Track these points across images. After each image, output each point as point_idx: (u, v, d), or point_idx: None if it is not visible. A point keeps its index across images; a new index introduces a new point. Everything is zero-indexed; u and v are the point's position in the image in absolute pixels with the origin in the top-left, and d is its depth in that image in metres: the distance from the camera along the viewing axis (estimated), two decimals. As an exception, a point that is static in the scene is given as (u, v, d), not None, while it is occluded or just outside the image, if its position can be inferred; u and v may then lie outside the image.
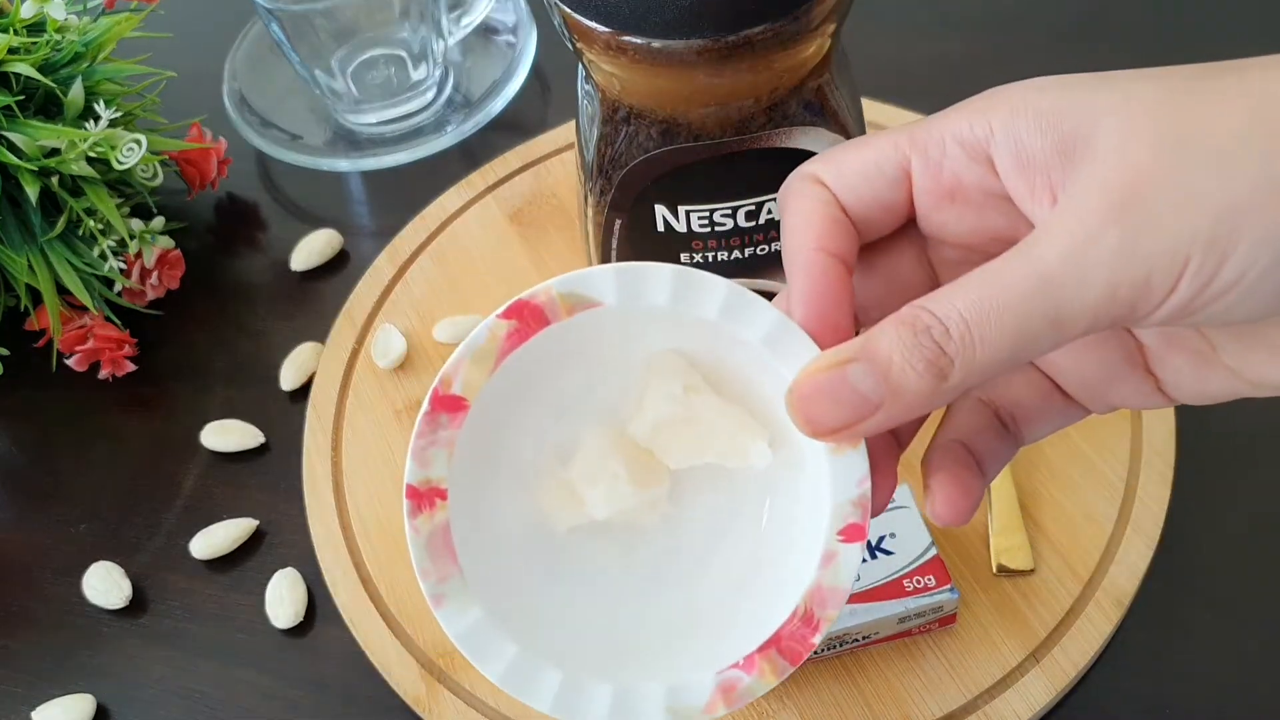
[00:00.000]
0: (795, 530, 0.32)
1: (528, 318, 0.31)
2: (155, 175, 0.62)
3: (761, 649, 0.31)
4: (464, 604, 0.31)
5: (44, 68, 0.57)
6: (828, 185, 0.31)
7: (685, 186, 0.43)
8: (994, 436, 0.32)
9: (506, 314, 0.31)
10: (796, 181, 0.32)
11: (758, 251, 0.45)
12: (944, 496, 0.31)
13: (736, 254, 0.45)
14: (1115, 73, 0.29)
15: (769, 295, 0.34)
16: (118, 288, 0.60)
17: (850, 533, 0.30)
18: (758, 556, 0.33)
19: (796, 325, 0.30)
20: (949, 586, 0.45)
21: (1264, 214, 0.25)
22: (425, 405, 0.31)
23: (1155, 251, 0.26)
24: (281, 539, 0.54)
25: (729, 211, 0.43)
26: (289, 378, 0.59)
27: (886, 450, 0.32)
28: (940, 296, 0.28)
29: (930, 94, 0.64)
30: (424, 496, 0.31)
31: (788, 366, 0.30)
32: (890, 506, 0.46)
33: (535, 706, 0.31)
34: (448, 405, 0.31)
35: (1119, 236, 0.26)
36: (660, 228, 0.44)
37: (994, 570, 0.48)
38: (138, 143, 0.57)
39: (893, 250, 0.33)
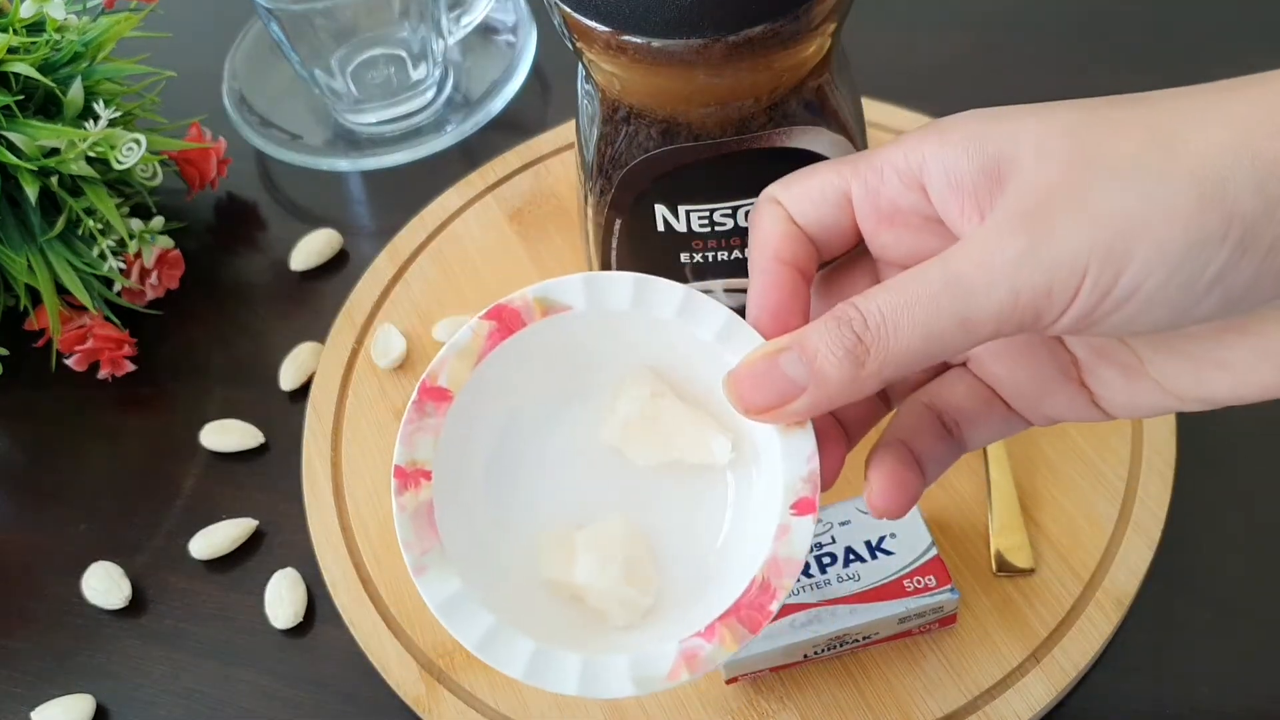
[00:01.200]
0: (754, 511, 0.34)
1: (506, 319, 0.35)
2: (155, 175, 0.62)
3: (722, 618, 0.32)
4: (444, 575, 0.33)
5: (43, 67, 0.57)
6: (784, 206, 0.34)
7: (685, 186, 0.43)
8: (936, 440, 0.34)
9: (488, 316, 0.35)
10: (760, 202, 0.35)
11: (758, 251, 0.45)
12: (880, 489, 0.33)
13: (736, 254, 0.45)
14: (1042, 104, 0.31)
15: None
16: (117, 287, 0.60)
17: (801, 506, 0.33)
18: (721, 540, 0.35)
19: (746, 323, 0.34)
20: (949, 587, 0.45)
21: (1156, 230, 0.27)
22: (414, 395, 0.35)
23: (1056, 261, 0.28)
24: (281, 539, 0.54)
25: (729, 211, 0.43)
26: (289, 378, 0.59)
27: (835, 443, 0.35)
28: (866, 294, 0.30)
29: (930, 94, 0.64)
30: (410, 476, 0.34)
31: (737, 359, 0.33)
32: (890, 506, 0.46)
33: (508, 673, 0.33)
34: (434, 395, 0.35)
35: (1024, 246, 0.28)
36: (660, 227, 0.44)
37: (994, 570, 0.48)
38: (137, 142, 0.57)
39: (851, 270, 0.36)
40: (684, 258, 0.45)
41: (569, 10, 0.39)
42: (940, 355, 0.30)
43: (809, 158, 0.42)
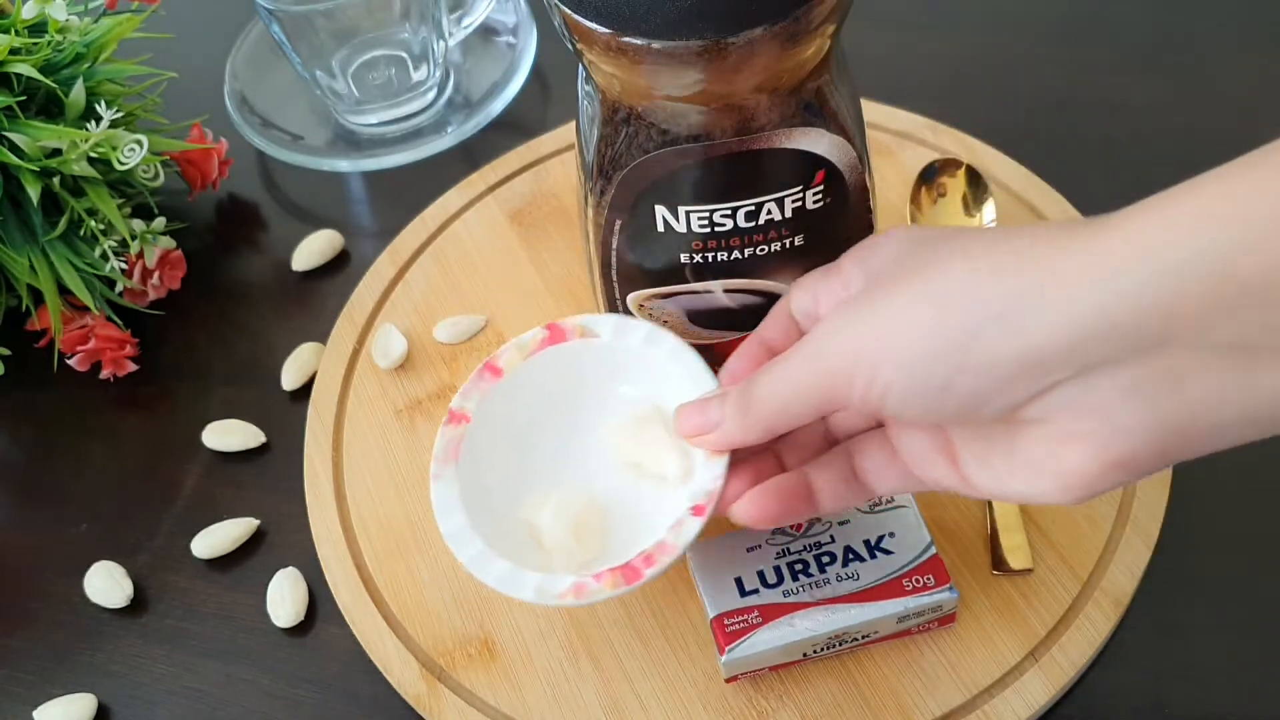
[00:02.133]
0: (670, 509, 0.43)
1: (555, 333, 0.47)
2: (156, 176, 0.62)
3: (612, 569, 0.42)
4: (449, 485, 0.45)
5: (45, 68, 0.57)
6: (791, 297, 0.43)
7: (685, 187, 0.43)
8: (840, 481, 0.42)
9: (545, 327, 0.47)
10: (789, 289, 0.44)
11: (757, 252, 0.45)
12: (759, 503, 0.41)
13: (736, 254, 0.45)
14: (951, 230, 0.37)
15: (768, 295, 0.46)
16: (119, 288, 0.61)
17: (697, 510, 0.42)
18: (650, 524, 0.44)
19: (709, 371, 0.44)
20: (948, 586, 0.45)
21: (897, 345, 0.34)
22: (480, 366, 0.47)
23: (836, 360, 0.36)
24: (282, 538, 0.54)
25: (729, 212, 0.43)
26: (290, 378, 0.59)
27: (769, 466, 0.43)
28: (764, 366, 0.39)
29: (930, 95, 0.65)
30: (456, 417, 0.47)
31: (696, 394, 0.44)
32: (889, 506, 0.47)
33: (459, 557, 0.43)
34: (492, 370, 0.47)
35: (822, 344, 0.37)
36: (660, 228, 0.44)
37: (993, 569, 0.48)
38: (139, 143, 0.57)
39: None
40: (684, 258, 0.45)
41: (569, 12, 0.39)
42: (802, 415, 0.38)
43: (809, 159, 0.42)
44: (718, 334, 0.49)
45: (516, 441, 0.47)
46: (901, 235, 0.38)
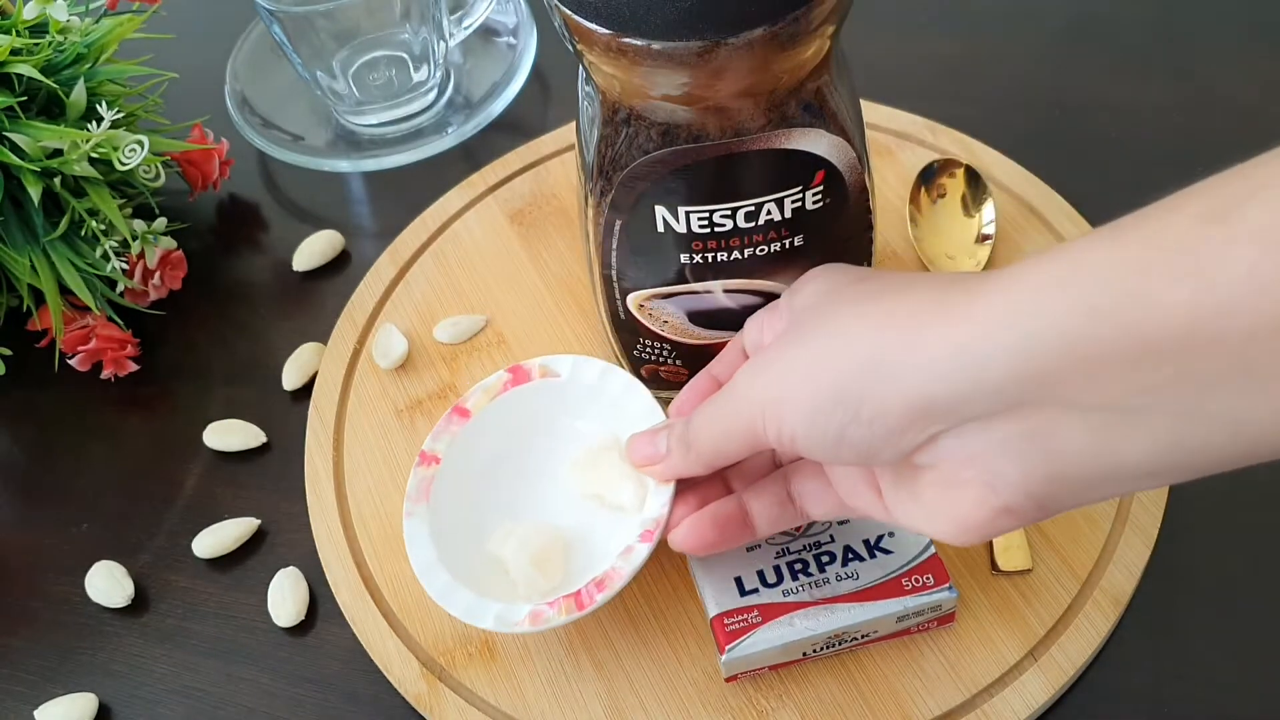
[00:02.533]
0: (623, 536, 0.46)
1: (518, 374, 0.50)
2: (157, 176, 0.62)
3: (565, 597, 0.45)
4: (420, 523, 0.48)
5: (46, 69, 0.57)
6: (742, 335, 0.45)
7: (685, 188, 0.43)
8: (775, 505, 0.44)
9: (509, 370, 0.51)
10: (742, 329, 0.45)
11: (757, 252, 0.45)
12: (696, 531, 0.44)
13: (736, 255, 0.45)
14: (870, 275, 0.40)
15: (768, 296, 0.47)
16: (120, 288, 0.61)
17: (645, 537, 0.45)
18: (606, 552, 0.46)
19: (657, 405, 0.48)
20: (947, 585, 0.45)
21: (797, 398, 0.36)
22: (449, 410, 0.50)
23: (753, 406, 0.38)
24: (283, 538, 0.55)
25: (728, 212, 0.43)
26: (291, 378, 0.59)
27: (716, 490, 0.45)
28: (704, 402, 0.42)
29: (929, 95, 0.65)
30: (428, 458, 0.49)
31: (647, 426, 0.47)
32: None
33: (428, 589, 0.46)
34: (461, 413, 0.50)
35: (740, 389, 0.39)
36: (660, 229, 0.44)
37: (992, 569, 0.48)
38: (140, 144, 0.57)
39: None
40: (684, 259, 0.46)
41: (569, 13, 0.39)
42: (736, 453, 0.41)
43: (808, 159, 0.43)
44: (718, 334, 0.49)
45: (483, 480, 0.50)
46: (822, 278, 0.40)
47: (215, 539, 0.54)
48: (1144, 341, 0.28)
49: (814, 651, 0.45)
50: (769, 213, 0.44)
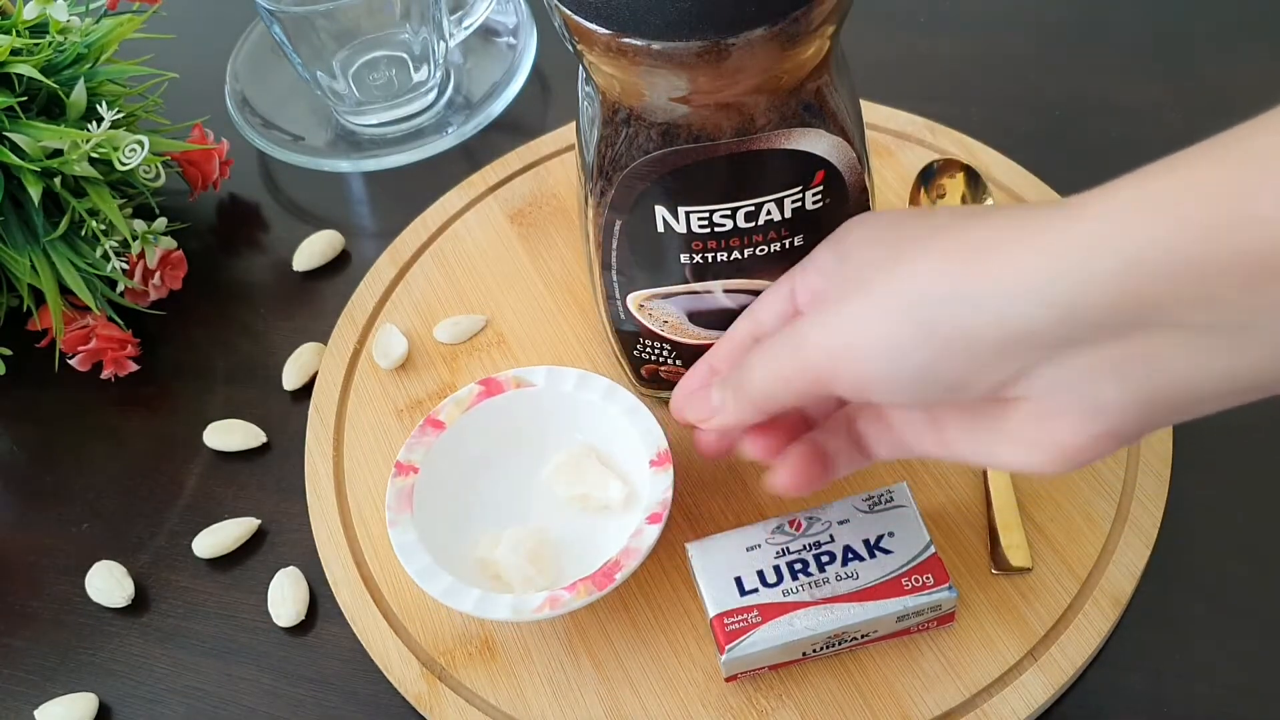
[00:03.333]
0: (625, 525, 0.48)
1: (491, 386, 0.51)
2: (157, 176, 0.62)
3: (583, 579, 0.46)
4: (406, 530, 0.48)
5: (46, 69, 0.57)
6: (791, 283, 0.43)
7: (685, 188, 0.43)
8: (849, 446, 0.43)
9: (481, 382, 0.52)
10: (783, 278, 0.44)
11: (757, 252, 0.45)
12: (789, 472, 0.42)
13: (736, 255, 0.45)
14: (915, 215, 0.39)
15: None
16: (120, 288, 0.61)
17: (653, 519, 0.47)
18: (600, 550, 0.48)
19: (644, 406, 0.50)
20: (947, 585, 0.45)
21: (870, 339, 0.35)
22: (422, 421, 0.51)
23: (819, 352, 0.37)
24: (283, 538, 0.55)
25: (728, 213, 0.43)
26: (291, 377, 0.59)
27: (794, 431, 0.44)
28: (752, 352, 0.41)
29: (929, 95, 0.65)
30: (404, 469, 0.50)
31: (638, 429, 0.49)
32: (889, 505, 0.47)
33: (430, 592, 0.46)
34: (434, 424, 0.51)
35: (804, 333, 0.38)
36: (660, 229, 0.44)
37: (992, 569, 0.48)
38: (140, 144, 0.57)
39: None
40: (684, 259, 0.46)
41: (569, 13, 0.39)
42: (790, 397, 0.40)
43: (808, 159, 0.43)
44: (718, 334, 0.49)
45: (465, 488, 0.51)
46: (868, 223, 0.39)
47: (215, 539, 0.54)
48: (1260, 260, 0.28)
49: (814, 651, 0.45)
50: (769, 213, 0.44)
